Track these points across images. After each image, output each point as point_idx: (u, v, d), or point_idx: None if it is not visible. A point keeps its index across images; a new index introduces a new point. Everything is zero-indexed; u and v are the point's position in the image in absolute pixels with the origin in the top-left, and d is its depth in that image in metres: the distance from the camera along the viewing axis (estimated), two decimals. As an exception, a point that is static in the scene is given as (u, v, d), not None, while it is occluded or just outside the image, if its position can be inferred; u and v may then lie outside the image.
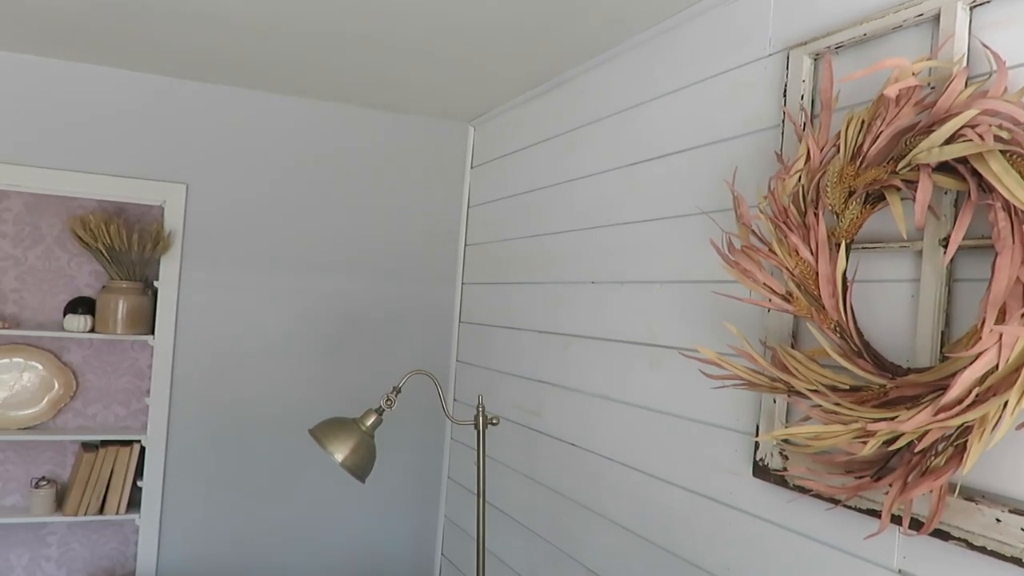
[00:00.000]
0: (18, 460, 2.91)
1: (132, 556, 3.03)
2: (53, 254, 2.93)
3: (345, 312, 3.15)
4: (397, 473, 3.24)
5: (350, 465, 1.99)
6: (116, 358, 3.03)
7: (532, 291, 2.67)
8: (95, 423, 3.01)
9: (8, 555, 2.90)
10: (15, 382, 2.87)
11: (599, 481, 2.21)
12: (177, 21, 2.26)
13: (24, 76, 2.70)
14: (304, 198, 3.07)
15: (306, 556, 3.13)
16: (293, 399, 3.08)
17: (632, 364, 2.09)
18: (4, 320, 2.85)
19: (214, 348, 2.96)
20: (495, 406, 2.85)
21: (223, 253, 2.97)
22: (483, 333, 3.05)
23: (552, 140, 2.60)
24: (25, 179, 2.71)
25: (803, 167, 1.39)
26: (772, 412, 1.55)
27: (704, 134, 1.87)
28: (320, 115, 3.08)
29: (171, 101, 2.88)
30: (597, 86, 2.36)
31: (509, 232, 2.88)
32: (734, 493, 1.70)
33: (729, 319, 1.72)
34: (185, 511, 2.95)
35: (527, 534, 2.59)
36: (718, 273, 1.78)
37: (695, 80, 1.92)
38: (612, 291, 2.20)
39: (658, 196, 2.02)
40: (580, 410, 2.33)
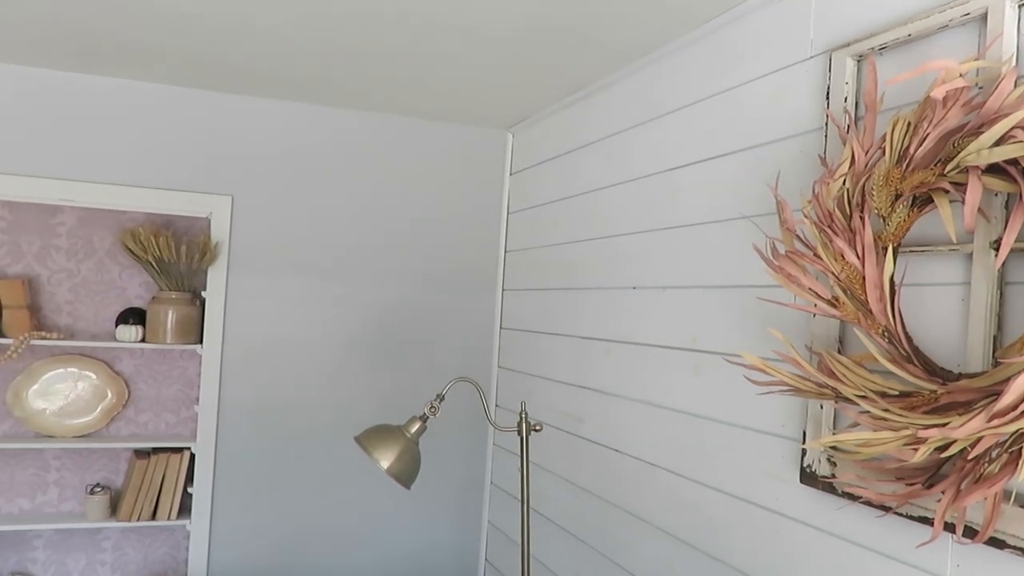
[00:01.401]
0: (74, 467, 2.99)
1: (183, 561, 3.09)
2: (105, 266, 3.01)
3: (387, 319, 3.18)
4: (440, 479, 3.26)
5: (396, 472, 2.01)
6: (166, 367, 3.10)
7: (573, 297, 2.67)
8: (146, 431, 3.08)
9: (65, 560, 2.99)
10: (70, 391, 2.95)
11: (643, 487, 2.20)
12: (221, 37, 2.31)
13: (75, 95, 2.78)
14: (346, 207, 3.12)
15: (352, 561, 3.16)
16: (337, 406, 3.12)
17: (675, 370, 2.08)
18: (59, 331, 2.94)
19: (260, 356, 3.02)
20: (537, 412, 2.86)
21: (268, 263, 3.02)
22: (524, 339, 3.06)
23: (591, 145, 2.61)
24: (78, 194, 2.79)
25: (848, 170, 1.37)
26: (819, 418, 1.54)
27: (745, 138, 1.86)
28: (361, 125, 3.12)
29: (216, 115, 2.94)
30: (636, 91, 2.36)
31: (549, 238, 2.89)
32: (781, 500, 1.68)
33: (773, 324, 1.71)
34: (234, 517, 3.00)
35: (571, 540, 2.59)
36: (762, 278, 1.76)
37: (735, 84, 1.91)
38: (654, 297, 2.20)
39: (699, 201, 2.01)
40: (623, 416, 2.32)
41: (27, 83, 2.73)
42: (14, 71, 2.72)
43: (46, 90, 2.75)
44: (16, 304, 2.80)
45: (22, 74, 2.73)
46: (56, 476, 2.97)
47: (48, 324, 2.94)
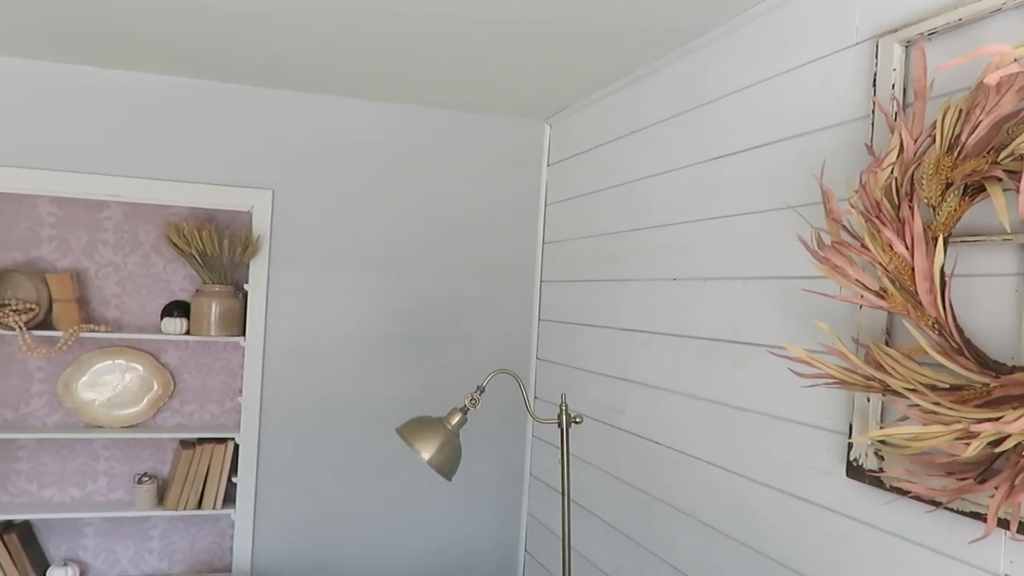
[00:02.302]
0: (122, 457, 3.06)
1: (228, 549, 3.15)
2: (150, 260, 3.06)
3: (426, 311, 3.20)
4: (480, 470, 3.28)
5: (436, 464, 2.02)
6: (210, 359, 3.15)
7: (612, 288, 2.66)
8: (192, 421, 3.14)
9: (115, 547, 3.06)
10: (118, 383, 3.01)
11: (685, 480, 2.19)
12: (262, 33, 2.33)
13: (121, 92, 2.83)
14: (384, 200, 3.14)
15: (393, 550, 3.20)
16: (377, 397, 3.15)
17: (717, 362, 2.06)
18: (107, 324, 3.00)
19: (302, 348, 3.06)
20: (576, 404, 2.86)
21: (308, 255, 3.06)
22: (563, 331, 3.06)
23: (631, 136, 2.59)
24: (124, 189, 2.84)
25: (896, 159, 1.34)
26: (866, 411, 1.51)
27: (789, 127, 1.83)
28: (398, 118, 3.14)
29: (257, 110, 2.98)
30: (677, 80, 2.33)
31: (587, 229, 2.88)
32: (827, 494, 1.66)
33: (818, 316, 1.68)
34: (277, 506, 3.05)
35: (612, 532, 2.59)
36: (806, 269, 1.74)
37: (780, 71, 1.88)
38: (695, 288, 2.18)
39: (742, 191, 1.99)
40: (664, 408, 2.31)
41: (75, 81, 2.79)
42: (62, 69, 2.78)
43: (93, 88, 2.81)
44: (65, 298, 2.86)
45: (70, 73, 2.78)
46: (105, 465, 3.04)
47: (96, 317, 3.01)
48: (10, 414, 2.94)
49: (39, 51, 2.64)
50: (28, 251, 2.93)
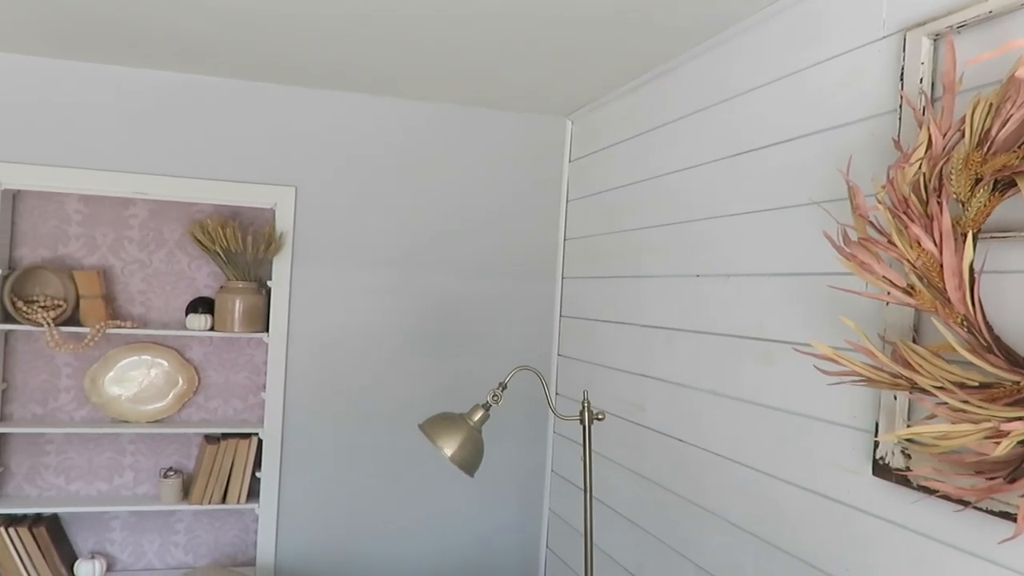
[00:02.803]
0: (148, 452, 3.09)
1: (252, 543, 3.17)
2: (175, 257, 3.09)
3: (447, 307, 3.21)
4: (501, 466, 3.28)
5: (459, 460, 2.02)
6: (234, 355, 3.17)
7: (634, 285, 2.65)
8: (216, 417, 3.16)
9: (141, 540, 3.09)
10: (144, 378, 3.04)
11: (708, 478, 2.18)
12: (285, 32, 2.35)
13: (146, 91, 2.86)
14: (406, 197, 3.15)
15: (415, 545, 3.21)
16: (399, 392, 3.16)
17: (740, 359, 2.05)
18: (132, 320, 3.03)
19: (324, 344, 3.08)
20: (598, 400, 2.85)
21: (330, 252, 3.07)
22: (584, 327, 3.05)
23: (653, 131, 2.57)
24: (149, 187, 2.87)
25: (924, 154, 1.33)
26: (893, 409, 1.50)
27: (815, 121, 1.81)
28: (420, 115, 3.14)
29: (280, 108, 3.00)
30: (700, 75, 2.32)
31: (609, 225, 2.87)
32: (852, 492, 1.64)
33: (844, 313, 1.67)
34: (300, 501, 3.07)
35: (634, 529, 2.58)
36: (831, 266, 1.72)
37: (805, 65, 1.86)
38: (718, 285, 2.17)
39: (766, 186, 1.97)
40: (686, 405, 2.30)
41: (101, 80, 2.82)
42: (87, 68, 2.81)
43: (119, 86, 2.84)
44: (92, 294, 2.90)
45: (95, 72, 2.82)
46: (131, 460, 3.08)
47: (122, 313, 3.04)
48: (39, 409, 2.98)
49: (65, 50, 2.68)
50: (56, 248, 2.97)
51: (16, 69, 2.76)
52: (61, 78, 2.79)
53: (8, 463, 2.96)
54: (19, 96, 2.77)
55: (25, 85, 2.77)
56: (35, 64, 2.77)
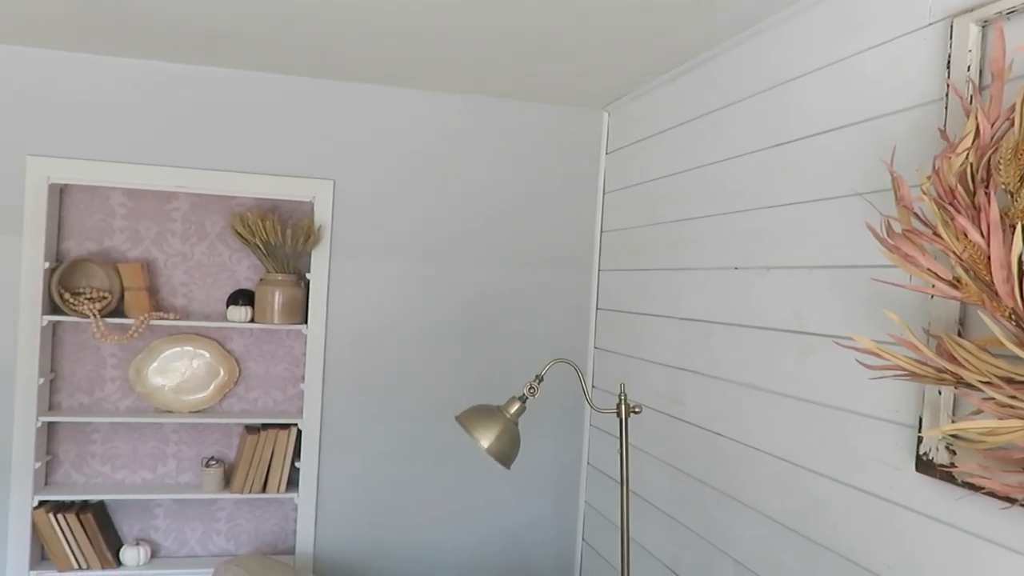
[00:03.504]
0: (191, 441, 3.15)
1: (292, 532, 3.22)
2: (216, 250, 3.14)
3: (484, 300, 3.21)
4: (537, 459, 3.29)
5: (495, 452, 2.03)
6: (273, 346, 3.21)
7: (671, 277, 2.63)
8: (256, 407, 3.21)
9: (184, 528, 3.16)
10: (186, 369, 3.10)
11: (746, 471, 2.16)
12: (323, 25, 2.36)
13: (187, 86, 2.91)
14: (442, 189, 3.16)
15: (451, 536, 3.23)
16: (437, 384, 3.18)
17: (780, 352, 2.02)
18: (175, 312, 3.09)
19: (362, 336, 3.11)
20: (634, 393, 2.84)
21: (368, 245, 3.10)
22: (621, 320, 3.04)
23: (691, 123, 2.55)
24: (191, 181, 2.92)
25: (972, 144, 1.30)
26: (937, 404, 1.47)
27: (857, 111, 1.78)
28: (456, 108, 3.15)
29: (318, 101, 3.03)
30: (739, 65, 2.29)
31: (646, 218, 2.85)
32: (894, 488, 1.62)
33: (886, 306, 1.64)
34: (339, 491, 3.11)
35: (670, 522, 2.57)
36: (873, 258, 1.69)
37: (848, 54, 1.82)
38: (757, 277, 2.14)
39: (807, 178, 1.94)
40: (725, 399, 2.28)
41: (144, 76, 2.87)
42: (131, 65, 2.86)
43: (161, 82, 2.89)
44: (136, 286, 2.96)
45: (138, 68, 2.87)
46: (174, 449, 3.14)
47: (165, 305, 3.10)
48: (85, 398, 3.05)
49: (110, 47, 2.73)
50: (101, 241, 3.03)
51: (62, 66, 2.82)
52: (106, 75, 2.85)
53: (56, 451, 3.04)
54: (65, 93, 2.83)
55: (71, 82, 2.83)
56: (80, 61, 2.83)
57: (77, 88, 2.84)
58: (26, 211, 2.81)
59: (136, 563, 2.97)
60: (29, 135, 2.81)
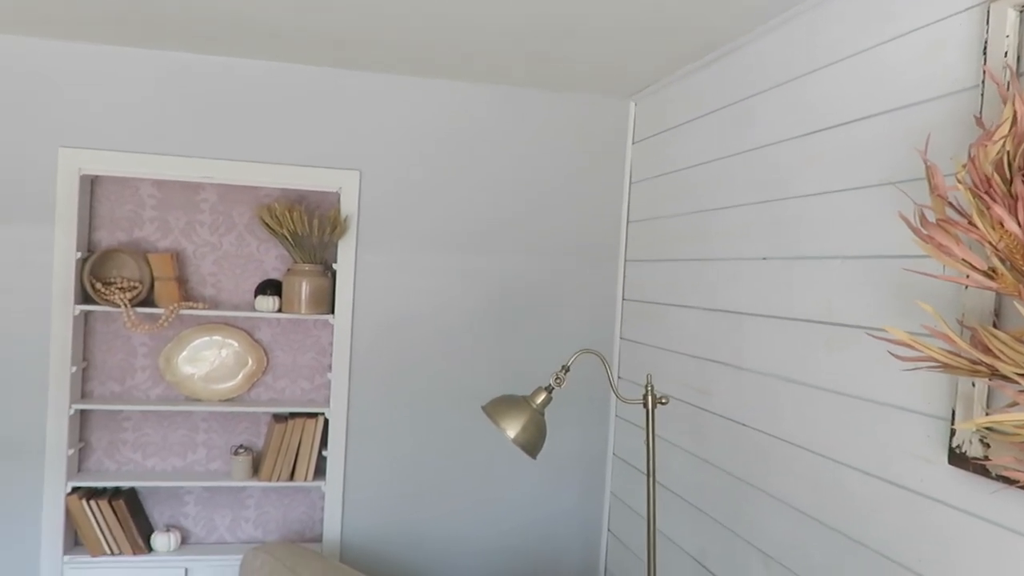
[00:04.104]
0: (220, 429, 3.19)
1: (319, 520, 3.25)
2: (244, 240, 3.17)
3: (509, 291, 3.21)
4: (562, 449, 3.29)
5: (522, 442, 2.03)
6: (300, 336, 3.24)
7: (699, 268, 2.61)
8: (284, 396, 3.24)
9: (213, 515, 3.20)
10: (215, 358, 3.13)
11: (774, 463, 2.14)
12: (349, 15, 2.37)
13: (215, 77, 2.93)
14: (468, 179, 3.16)
15: (477, 526, 3.25)
16: (461, 373, 3.19)
17: (809, 343, 2.00)
18: (204, 301, 3.12)
19: (388, 326, 3.12)
20: (661, 384, 2.83)
21: (394, 235, 3.11)
22: (647, 311, 3.03)
23: (720, 111, 2.53)
24: (219, 172, 2.95)
25: (1009, 132, 1.27)
26: (971, 397, 1.45)
27: (891, 99, 1.75)
28: (482, 98, 3.15)
29: (344, 92, 3.04)
30: (769, 53, 2.26)
31: (674, 208, 2.83)
32: (926, 481, 1.60)
33: (919, 297, 1.61)
34: (366, 479, 3.14)
35: (696, 514, 2.56)
36: (905, 248, 1.67)
37: (881, 40, 1.79)
38: (786, 268, 2.12)
39: (838, 167, 1.92)
40: (752, 390, 2.26)
41: (172, 68, 2.90)
42: (160, 56, 2.89)
43: (189, 74, 2.92)
44: (166, 276, 2.99)
45: (167, 59, 2.90)
46: (204, 437, 3.18)
47: (194, 295, 3.13)
48: (117, 387, 3.10)
49: (139, 39, 2.75)
50: (131, 232, 3.07)
51: (93, 59, 2.85)
52: (136, 67, 2.88)
53: (89, 438, 3.09)
54: (96, 85, 2.86)
55: (101, 74, 2.86)
56: (111, 54, 2.86)
57: (108, 80, 2.87)
58: (58, 202, 2.85)
59: (167, 549, 3.02)
60: (61, 127, 2.85)
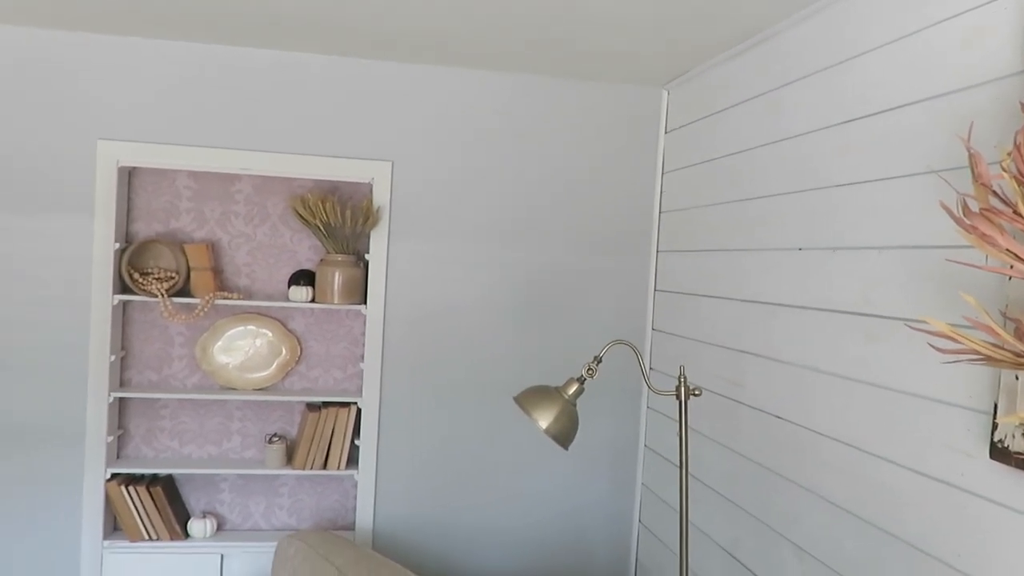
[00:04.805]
0: (254, 418, 3.23)
1: (352, 509, 3.28)
2: (278, 231, 3.20)
3: (541, 281, 3.21)
4: (593, 440, 3.29)
5: (554, 432, 2.04)
6: (333, 326, 3.26)
7: (732, 258, 2.59)
8: (317, 386, 3.27)
9: (248, 502, 3.24)
10: (249, 348, 3.17)
11: (809, 456, 2.12)
12: (381, 5, 2.37)
13: (250, 69, 2.96)
14: (499, 170, 3.16)
15: (508, 516, 3.26)
16: (493, 363, 3.20)
17: (846, 335, 1.98)
18: (239, 292, 3.16)
19: (420, 316, 3.14)
20: (693, 376, 2.81)
21: (426, 226, 3.12)
22: (679, 301, 3.01)
23: (755, 100, 2.49)
24: (254, 163, 2.98)
25: (1056, 118, 1.24)
26: (1014, 390, 1.42)
27: (931, 86, 1.72)
28: (513, 88, 3.14)
29: (376, 83, 3.05)
30: (806, 40, 2.22)
31: (707, 198, 2.81)
32: (966, 475, 1.57)
33: (960, 288, 1.58)
34: (398, 469, 3.16)
35: (729, 506, 2.55)
36: (947, 238, 1.64)
37: (922, 26, 1.76)
38: (822, 258, 2.09)
39: (877, 155, 1.89)
40: (786, 382, 2.24)
41: (208, 60, 2.93)
42: (197, 49, 2.92)
43: (224, 66, 2.94)
44: (202, 266, 3.03)
45: (204, 52, 2.92)
46: (239, 425, 3.22)
47: (229, 285, 3.17)
48: (154, 375, 3.15)
49: (174, 31, 2.78)
50: (168, 223, 3.11)
51: (131, 52, 2.89)
52: (172, 60, 2.91)
53: (127, 426, 3.14)
54: (133, 78, 2.90)
55: (139, 67, 2.90)
56: (148, 46, 2.89)
57: (145, 73, 2.91)
58: (97, 193, 2.90)
59: (203, 535, 3.07)
60: (99, 120, 2.90)
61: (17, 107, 2.85)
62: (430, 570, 3.23)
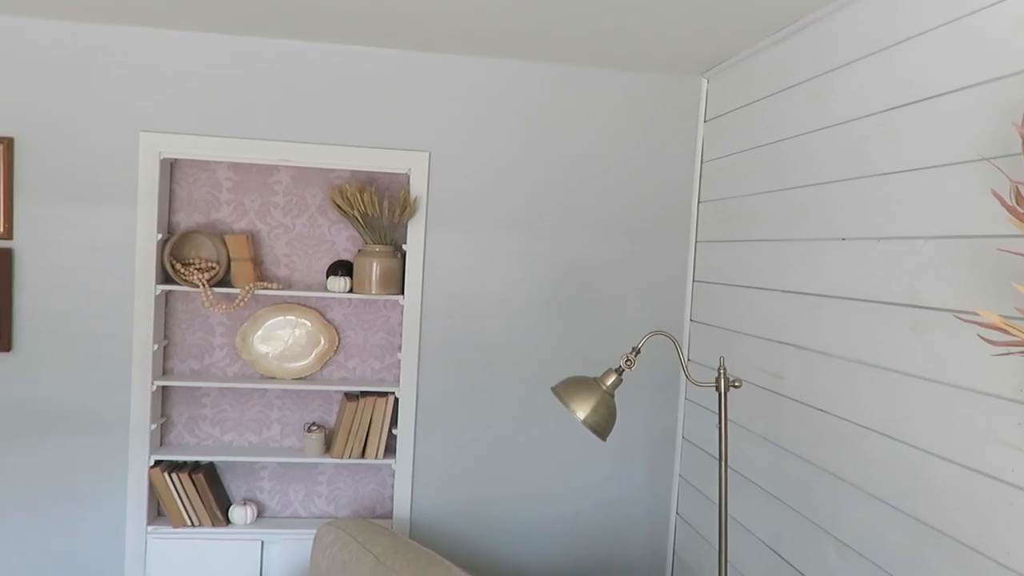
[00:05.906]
0: (293, 407, 3.26)
1: (389, 498, 3.31)
2: (316, 222, 3.22)
3: (578, 271, 3.19)
4: (631, 431, 3.27)
5: (592, 423, 2.03)
6: (371, 316, 3.28)
7: (772, 249, 2.55)
8: (355, 375, 3.29)
9: (287, 490, 3.28)
10: (288, 337, 3.20)
11: (852, 450, 2.08)
12: (420, -4, 2.37)
13: (289, 61, 2.98)
14: (537, 159, 3.14)
15: (545, 506, 3.26)
16: (529, 354, 3.19)
17: (892, 327, 1.94)
18: (278, 282, 3.19)
19: (457, 306, 3.14)
20: (732, 367, 2.78)
21: (463, 216, 3.12)
22: (718, 292, 2.97)
23: (796, 87, 2.45)
24: (292, 154, 3.00)
25: (1117, 102, 1.19)
26: (1069, 383, 1.38)
27: (983, 71, 1.67)
28: (549, 77, 3.12)
29: (413, 73, 3.05)
30: (850, 26, 2.18)
31: (747, 187, 2.77)
32: (1017, 471, 1.53)
33: (1012, 278, 1.54)
34: (435, 458, 3.17)
35: (769, 499, 2.52)
36: (998, 227, 1.59)
37: (973, 9, 1.71)
38: (866, 248, 2.05)
39: (925, 142, 1.84)
40: (829, 374, 2.20)
41: (247, 53, 2.95)
42: (236, 42, 2.94)
43: (263, 58, 2.97)
44: (242, 257, 3.06)
45: (244, 45, 2.95)
46: (278, 414, 3.26)
47: (268, 275, 3.20)
48: (196, 364, 3.19)
49: (215, 24, 2.81)
50: (209, 214, 3.15)
51: (172, 45, 2.92)
52: (212, 52, 2.94)
53: (170, 414, 3.20)
54: (175, 70, 2.94)
55: (180, 60, 2.93)
56: (189, 39, 2.93)
57: (185, 66, 2.94)
58: (140, 185, 2.94)
59: (244, 522, 3.11)
60: (142, 112, 2.94)
61: (63, 101, 2.90)
62: (467, 559, 3.24)
